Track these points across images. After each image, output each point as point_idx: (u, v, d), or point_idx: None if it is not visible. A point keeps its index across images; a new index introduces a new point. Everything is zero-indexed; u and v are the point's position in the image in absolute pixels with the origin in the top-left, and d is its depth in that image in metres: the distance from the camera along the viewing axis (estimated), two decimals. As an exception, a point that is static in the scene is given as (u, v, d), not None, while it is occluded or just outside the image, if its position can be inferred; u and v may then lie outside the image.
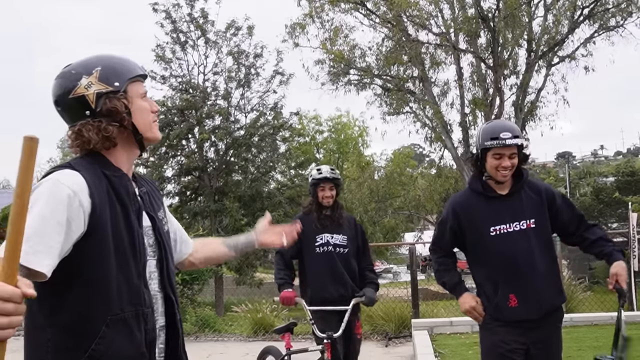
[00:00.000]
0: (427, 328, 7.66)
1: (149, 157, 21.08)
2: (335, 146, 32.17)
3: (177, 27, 20.89)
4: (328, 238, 4.42)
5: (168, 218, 2.06)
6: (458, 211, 3.06)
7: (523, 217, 2.98)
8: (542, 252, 2.97)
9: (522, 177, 3.03)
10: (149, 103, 1.90)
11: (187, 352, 1.97)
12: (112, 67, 1.82)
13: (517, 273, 2.94)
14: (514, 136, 2.91)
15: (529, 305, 2.93)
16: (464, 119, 14.90)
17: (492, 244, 2.98)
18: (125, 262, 1.73)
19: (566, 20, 14.11)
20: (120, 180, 1.80)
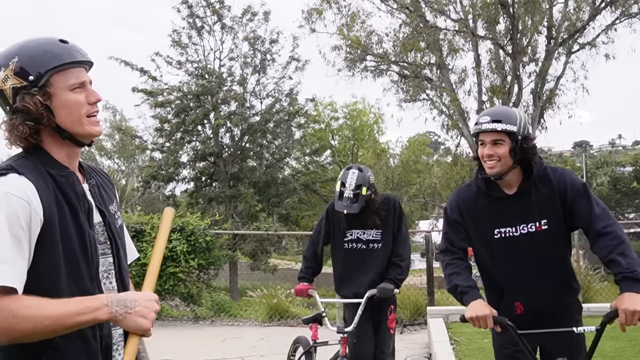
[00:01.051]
0: (443, 316, 7.64)
1: (165, 142, 21.16)
2: (351, 133, 32.04)
3: (193, 12, 20.85)
4: (359, 234, 4.20)
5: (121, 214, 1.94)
6: (461, 208, 2.78)
7: (532, 219, 2.67)
8: (553, 257, 2.70)
9: (531, 178, 2.68)
10: (86, 94, 1.70)
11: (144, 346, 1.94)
12: (31, 57, 1.64)
13: (523, 281, 2.70)
14: (494, 120, 2.61)
15: (536, 313, 2.70)
16: (481, 106, 14.75)
17: (496, 248, 2.72)
18: (76, 267, 1.64)
19: (587, 6, 13.87)
20: (67, 180, 1.68)
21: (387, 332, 4.26)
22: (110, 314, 1.56)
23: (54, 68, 1.65)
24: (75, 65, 1.69)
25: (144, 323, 1.59)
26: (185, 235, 9.30)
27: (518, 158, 2.64)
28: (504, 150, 2.61)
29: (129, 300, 1.59)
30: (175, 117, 20.74)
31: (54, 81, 1.66)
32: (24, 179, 1.59)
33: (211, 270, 9.94)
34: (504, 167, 2.64)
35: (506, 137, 2.60)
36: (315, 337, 4.22)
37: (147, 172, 21.61)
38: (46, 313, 1.51)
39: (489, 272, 2.81)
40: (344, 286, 4.26)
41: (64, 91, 1.67)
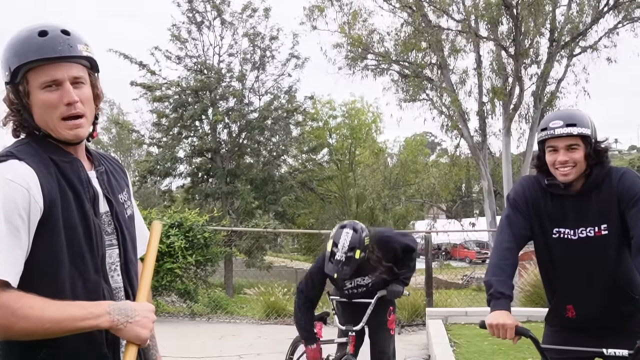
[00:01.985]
0: (442, 317, 7.59)
1: (162, 137, 21.06)
2: (348, 132, 32.02)
3: (193, 6, 20.76)
4: (358, 281, 4.10)
5: (133, 202, 1.87)
6: (528, 198, 2.61)
7: (591, 223, 2.51)
8: (611, 262, 2.53)
9: (595, 179, 2.52)
10: (61, 94, 1.56)
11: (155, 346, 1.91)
12: (9, 51, 1.56)
13: (576, 286, 2.59)
14: (568, 124, 2.44)
15: (588, 319, 2.58)
16: (481, 107, 14.71)
17: (553, 247, 2.59)
18: (80, 257, 1.59)
19: (590, 10, 13.85)
20: (71, 166, 1.61)
21: (387, 333, 4.23)
22: (111, 322, 1.55)
23: (26, 64, 1.54)
24: (55, 60, 1.55)
25: (143, 333, 1.59)
26: (183, 231, 9.23)
27: (593, 162, 2.50)
28: (580, 155, 2.45)
29: (130, 309, 1.58)
30: (173, 112, 20.67)
31: (30, 78, 1.56)
32: (24, 164, 1.53)
33: (208, 267, 9.87)
34: (579, 173, 2.49)
35: (581, 142, 2.45)
36: (320, 336, 4.18)
37: (144, 167, 21.56)
38: (48, 315, 1.47)
39: (545, 270, 2.72)
40: None
41: (37, 89, 1.56)
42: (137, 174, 23.96)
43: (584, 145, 2.45)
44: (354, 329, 3.96)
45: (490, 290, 2.46)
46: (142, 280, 1.75)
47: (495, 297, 2.43)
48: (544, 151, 2.54)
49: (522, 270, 9.14)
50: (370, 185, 26.54)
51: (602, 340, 2.49)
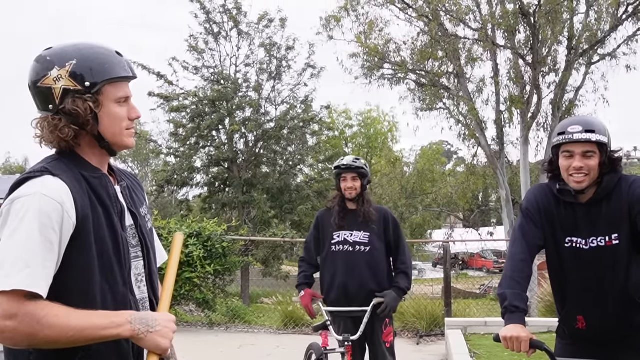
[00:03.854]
0: (461, 327, 7.54)
1: (179, 147, 21.23)
2: (365, 141, 32.05)
3: (210, 18, 20.95)
4: (346, 236, 4.21)
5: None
6: (541, 207, 2.60)
7: (602, 233, 2.49)
8: (623, 273, 2.49)
9: (606, 188, 2.49)
10: (128, 109, 1.73)
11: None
12: (90, 63, 1.65)
13: (587, 296, 2.56)
14: (587, 130, 2.40)
15: (599, 330, 2.56)
16: (499, 116, 14.64)
17: (564, 256, 2.57)
18: (109, 270, 1.64)
19: (609, 17, 13.75)
20: (100, 182, 1.68)
21: (383, 347, 4.17)
22: (133, 331, 1.58)
23: (109, 79, 1.67)
24: (124, 80, 1.72)
25: (164, 343, 1.62)
26: (202, 241, 9.27)
27: (606, 171, 2.47)
28: (595, 163, 2.42)
29: (151, 319, 1.62)
30: (190, 122, 20.83)
31: (105, 91, 1.67)
32: (59, 180, 1.58)
33: (227, 277, 9.90)
34: (591, 181, 2.46)
35: (597, 149, 2.43)
36: (326, 344, 4.16)
37: (161, 177, 21.70)
38: (72, 324, 1.51)
39: (556, 279, 2.69)
40: (331, 291, 4.23)
41: (112, 102, 1.69)
42: (154, 183, 24.11)
43: (599, 153, 2.43)
44: (351, 339, 3.93)
45: (504, 304, 2.44)
46: (164, 291, 1.79)
47: (510, 311, 2.41)
48: (557, 156, 2.51)
49: (542, 280, 9.05)
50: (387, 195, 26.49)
51: (614, 353, 2.47)
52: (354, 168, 4.18)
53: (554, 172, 2.57)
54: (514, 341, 2.34)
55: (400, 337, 8.56)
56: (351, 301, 4.14)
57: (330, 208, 4.35)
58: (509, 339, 2.35)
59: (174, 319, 1.70)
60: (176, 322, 1.74)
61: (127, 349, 1.68)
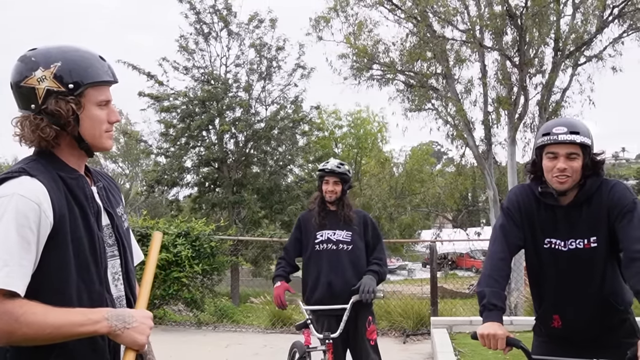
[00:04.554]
0: (447, 326, 7.62)
1: (170, 147, 21.21)
2: (354, 141, 32.11)
3: (200, 18, 20.94)
4: (329, 235, 4.29)
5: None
6: (522, 207, 2.62)
7: (580, 235, 2.52)
8: (599, 275, 2.54)
9: (587, 191, 2.52)
10: (108, 112, 1.77)
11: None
12: (74, 66, 1.69)
13: (563, 297, 2.60)
14: (571, 132, 2.42)
15: (574, 330, 2.61)
16: (486, 117, 14.76)
17: (543, 257, 2.61)
18: (85, 268, 1.68)
19: (595, 19, 13.90)
20: (77, 182, 1.72)
21: (367, 344, 4.23)
22: (110, 327, 1.63)
23: (92, 83, 1.71)
24: (106, 84, 1.77)
25: (140, 339, 1.67)
26: (190, 240, 9.30)
27: (588, 174, 2.49)
28: (578, 165, 2.44)
29: (128, 316, 1.67)
30: (180, 122, 20.80)
31: (88, 94, 1.72)
32: (36, 181, 1.62)
33: (215, 276, 9.93)
34: (574, 183, 2.48)
35: (580, 151, 2.44)
36: (308, 343, 4.22)
37: (151, 177, 21.67)
38: (50, 322, 1.55)
39: (534, 279, 2.74)
40: (316, 289, 4.28)
41: (93, 105, 1.73)
42: (144, 183, 24.07)
43: (583, 156, 2.45)
44: (332, 337, 3.98)
45: (483, 302, 2.47)
46: (142, 288, 1.85)
47: (488, 309, 2.44)
48: (541, 157, 2.52)
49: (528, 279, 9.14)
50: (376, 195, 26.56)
51: (589, 351, 2.51)
52: (337, 173, 4.28)
53: (536, 173, 2.59)
54: (491, 339, 2.38)
55: (387, 336, 8.64)
56: (336, 299, 4.19)
57: (312, 209, 4.43)
58: (486, 337, 2.39)
59: (151, 315, 1.75)
60: (164, 322, 1.81)
61: (103, 346, 1.71)
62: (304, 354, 4.27)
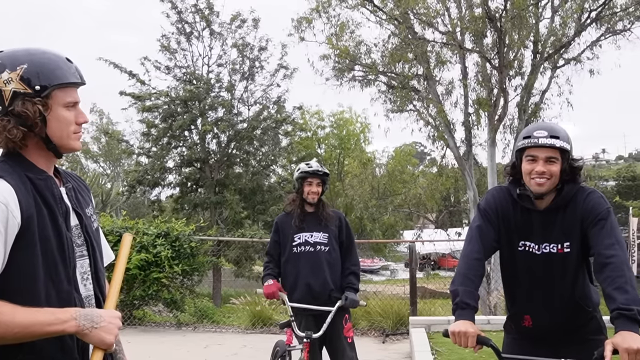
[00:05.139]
0: (425, 326, 7.69)
1: (151, 147, 21.08)
2: (337, 142, 32.14)
3: (182, 17, 20.85)
4: (307, 237, 4.35)
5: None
6: (498, 209, 2.66)
7: (554, 240, 2.57)
8: (570, 279, 2.59)
9: (565, 197, 2.56)
10: (76, 114, 1.79)
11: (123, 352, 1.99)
12: (40, 68, 1.71)
13: (534, 298, 2.66)
14: (552, 136, 2.47)
15: (544, 329, 2.67)
16: (467, 118, 14.89)
17: (517, 259, 2.66)
18: (53, 268, 1.69)
19: (573, 22, 14.07)
20: (45, 183, 1.73)
21: (344, 341, 4.29)
22: (77, 327, 1.65)
23: (58, 85, 1.73)
24: (73, 86, 1.79)
25: (108, 338, 1.70)
26: (170, 241, 9.28)
27: (566, 178, 2.55)
28: (557, 169, 2.49)
29: (96, 316, 1.70)
30: (162, 122, 20.68)
31: (55, 95, 1.74)
32: (3, 182, 1.64)
33: (195, 277, 9.91)
34: (552, 187, 2.53)
35: (559, 155, 2.49)
36: (290, 342, 4.27)
37: (133, 177, 21.49)
38: (17, 321, 1.57)
39: (507, 279, 2.78)
40: (295, 291, 4.33)
41: (60, 107, 1.75)
42: (126, 183, 23.89)
43: (562, 160, 2.49)
44: (314, 336, 4.03)
45: (456, 300, 2.49)
46: (111, 288, 1.87)
47: (461, 307, 2.47)
48: (520, 160, 2.56)
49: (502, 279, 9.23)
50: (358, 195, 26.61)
51: (558, 349, 2.57)
52: (321, 174, 4.34)
53: (515, 176, 2.63)
54: (462, 336, 2.40)
55: (366, 335, 8.70)
56: (314, 299, 4.26)
57: (288, 212, 4.47)
58: (457, 334, 2.41)
59: (119, 315, 1.78)
60: (143, 322, 1.83)
61: (72, 345, 1.73)
62: (284, 353, 4.33)
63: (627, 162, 56.77)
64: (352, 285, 4.34)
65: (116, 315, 1.76)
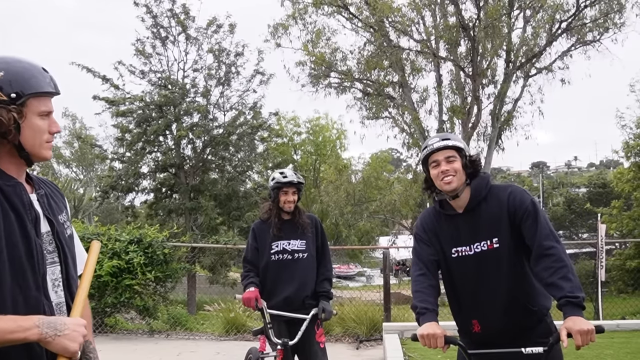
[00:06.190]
0: (398, 331, 7.73)
1: (125, 152, 20.85)
2: (313, 148, 32.18)
3: (157, 22, 20.70)
4: (284, 245, 4.37)
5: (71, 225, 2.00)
6: (426, 228, 2.87)
7: (483, 237, 2.73)
8: (507, 275, 2.70)
9: (479, 191, 2.76)
10: (49, 123, 1.81)
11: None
12: (16, 76, 1.73)
13: (478, 298, 2.76)
14: (443, 139, 2.78)
15: (493, 332, 2.74)
16: (441, 125, 15.07)
17: (453, 267, 2.80)
18: (21, 274, 1.68)
19: (544, 32, 14.35)
20: (14, 190, 1.74)
21: (317, 347, 4.32)
22: (40, 334, 1.63)
23: (34, 93, 1.75)
24: (48, 95, 1.81)
25: (72, 346, 1.68)
26: (142, 247, 9.18)
27: (470, 172, 2.77)
28: (458, 165, 2.73)
29: (59, 323, 1.67)
30: (136, 127, 20.46)
31: (30, 104, 1.75)
32: None
33: (168, 283, 9.82)
34: (460, 182, 2.73)
35: (457, 154, 2.74)
36: (263, 349, 4.27)
37: (106, 182, 21.21)
38: None
39: (450, 290, 2.89)
40: (272, 298, 4.33)
41: (35, 115, 1.77)
42: (99, 189, 23.58)
43: (460, 157, 2.74)
44: (290, 343, 4.05)
45: (416, 310, 2.66)
46: (78, 296, 1.85)
47: (422, 313, 2.63)
48: (428, 170, 2.80)
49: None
50: (334, 202, 26.67)
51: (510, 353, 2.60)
52: (296, 183, 4.35)
53: (430, 187, 2.85)
54: (430, 338, 2.52)
55: (340, 342, 8.70)
56: (289, 305, 4.27)
57: (265, 220, 4.47)
58: (425, 337, 2.53)
59: (85, 323, 1.76)
60: (115, 330, 1.82)
61: (40, 353, 1.71)
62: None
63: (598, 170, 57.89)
64: (326, 293, 4.36)
65: (81, 323, 1.74)
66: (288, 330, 4.22)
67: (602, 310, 9.89)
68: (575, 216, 31.41)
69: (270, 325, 4.16)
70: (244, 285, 4.40)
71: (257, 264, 4.44)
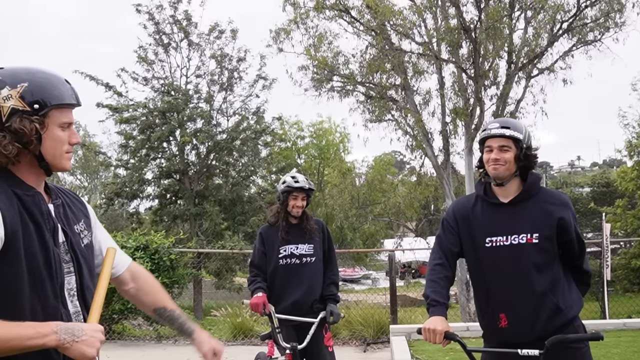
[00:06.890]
0: (405, 334, 7.75)
1: (129, 159, 20.93)
2: (317, 152, 32.23)
3: (160, 28, 20.81)
4: (292, 249, 4.39)
5: (95, 230, 2.03)
6: (457, 214, 2.87)
7: (524, 230, 2.72)
8: (542, 271, 2.70)
9: (533, 188, 2.79)
10: (69, 134, 1.85)
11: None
12: (40, 87, 1.76)
13: (510, 292, 2.73)
14: (503, 127, 2.74)
15: (520, 328, 2.71)
16: (444, 127, 15.02)
17: (486, 256, 2.77)
18: (40, 283, 1.71)
19: (546, 33, 14.34)
20: (33, 200, 1.76)
21: (325, 350, 4.35)
22: (58, 340, 1.65)
23: (56, 105, 1.78)
24: (70, 107, 1.85)
25: (90, 352, 1.69)
26: (149, 254, 9.23)
27: (522, 165, 2.75)
28: (510, 156, 2.72)
29: (77, 329, 1.69)
30: (140, 134, 20.57)
31: (52, 115, 1.79)
32: None
33: (175, 289, 9.86)
34: (508, 172, 2.74)
35: (512, 144, 2.72)
36: (271, 354, 4.30)
37: (111, 189, 21.31)
38: None
39: (477, 281, 2.88)
40: (280, 303, 4.36)
41: (56, 126, 1.80)
42: (103, 196, 23.66)
43: (515, 148, 2.72)
44: (299, 347, 4.08)
45: (427, 300, 2.72)
46: (94, 303, 1.88)
47: (432, 305, 2.69)
48: (483, 152, 2.82)
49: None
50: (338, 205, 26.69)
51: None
52: (307, 189, 4.38)
53: (481, 166, 2.86)
54: (431, 333, 2.60)
55: (348, 345, 8.73)
56: (298, 310, 4.30)
57: (272, 224, 4.49)
58: (427, 331, 2.62)
59: (102, 329, 1.78)
60: (123, 336, 1.84)
61: (57, 359, 1.74)
62: None
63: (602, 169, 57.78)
64: (334, 296, 4.40)
65: (99, 328, 1.76)
66: (296, 334, 4.25)
67: (609, 309, 9.89)
68: (579, 216, 31.37)
69: (278, 330, 4.18)
70: (251, 291, 4.41)
71: (264, 269, 4.46)
